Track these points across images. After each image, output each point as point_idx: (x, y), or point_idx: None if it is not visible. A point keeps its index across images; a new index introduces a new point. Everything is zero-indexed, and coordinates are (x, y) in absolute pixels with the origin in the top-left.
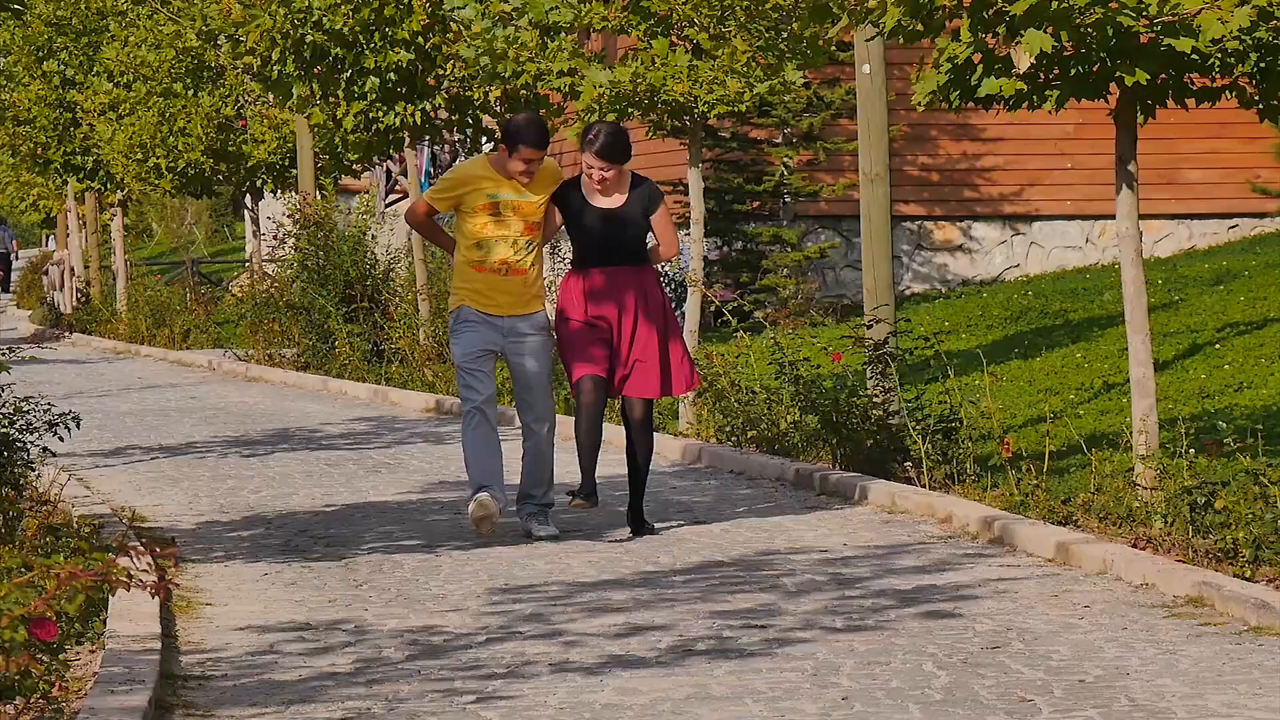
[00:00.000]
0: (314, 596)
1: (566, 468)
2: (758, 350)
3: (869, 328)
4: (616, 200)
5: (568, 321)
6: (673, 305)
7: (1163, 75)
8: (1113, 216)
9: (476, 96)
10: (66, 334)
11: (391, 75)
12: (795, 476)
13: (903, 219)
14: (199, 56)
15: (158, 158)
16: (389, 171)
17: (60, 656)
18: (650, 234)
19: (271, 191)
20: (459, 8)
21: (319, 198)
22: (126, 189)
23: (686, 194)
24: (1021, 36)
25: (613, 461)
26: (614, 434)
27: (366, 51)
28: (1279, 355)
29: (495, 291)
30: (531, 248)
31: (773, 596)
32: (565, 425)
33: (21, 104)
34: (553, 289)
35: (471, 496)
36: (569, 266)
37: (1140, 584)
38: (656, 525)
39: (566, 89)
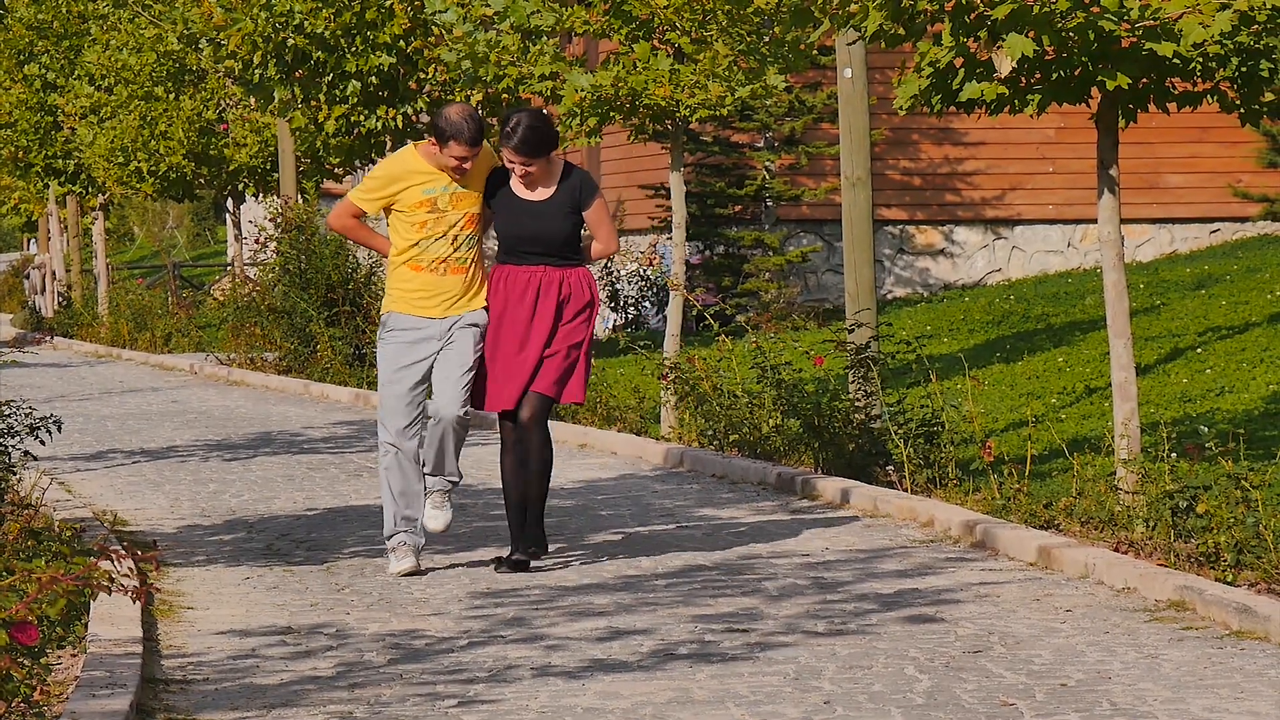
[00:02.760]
0: (295, 600)
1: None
2: (739, 354)
3: (851, 332)
4: (543, 193)
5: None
6: (594, 314)
7: (1144, 79)
8: (1094, 221)
9: (458, 100)
10: (48, 337)
11: (373, 79)
12: (777, 480)
13: (884, 223)
14: (180, 60)
15: (139, 161)
16: None
17: (42, 660)
18: (585, 229)
19: (253, 195)
20: (440, 11)
21: (300, 201)
22: (108, 192)
23: (668, 198)
24: (1003, 41)
25: (593, 465)
26: (598, 439)
27: (348, 55)
28: (1260, 360)
29: (434, 292)
30: (472, 243)
31: (754, 600)
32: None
33: (2, 107)
34: None
35: (390, 547)
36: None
37: (1122, 588)
38: (541, 542)
39: (548, 93)
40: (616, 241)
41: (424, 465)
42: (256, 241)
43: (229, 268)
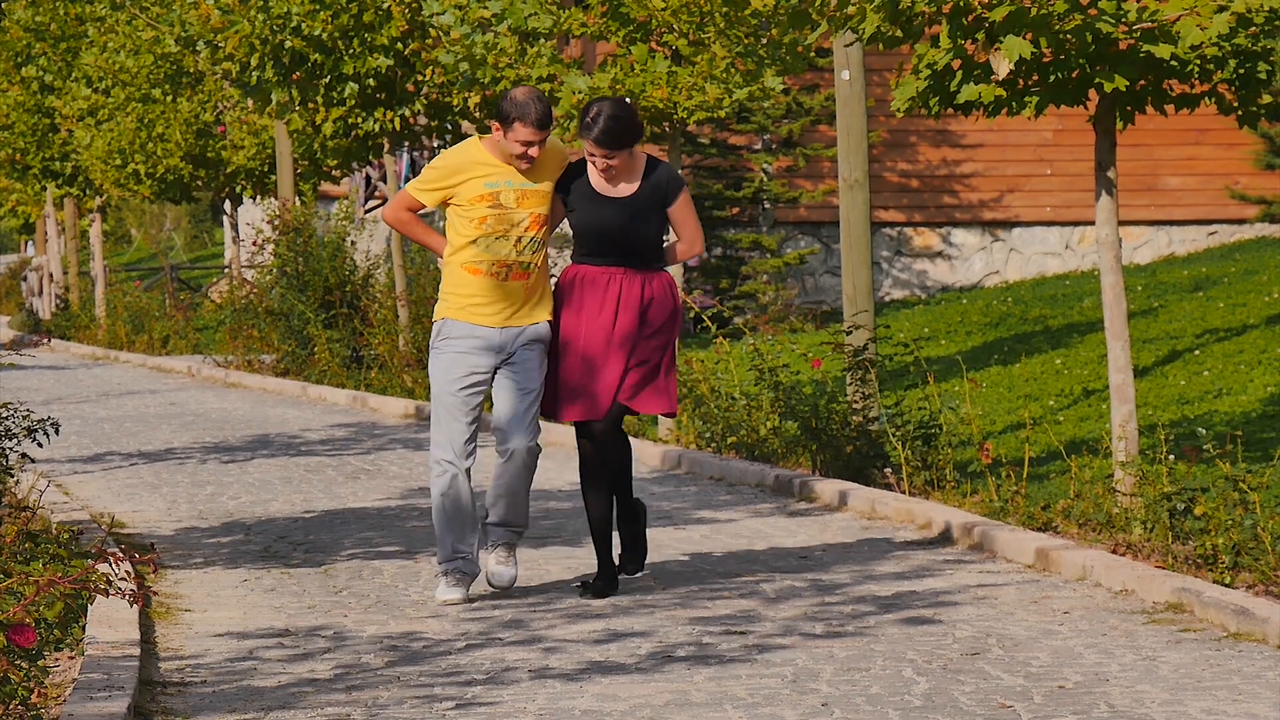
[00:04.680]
0: (293, 603)
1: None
2: (737, 356)
3: (848, 334)
4: (626, 189)
5: (558, 329)
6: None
7: (1142, 81)
8: (1092, 223)
9: (456, 103)
10: (45, 340)
11: (370, 81)
12: (775, 483)
13: (882, 225)
14: (178, 62)
15: (137, 163)
16: (368, 177)
17: (39, 663)
18: (669, 229)
19: (251, 197)
20: (438, 14)
21: (298, 203)
22: (105, 195)
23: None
24: (1000, 43)
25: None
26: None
27: (346, 57)
28: (1258, 362)
29: (493, 299)
30: (537, 246)
31: (752, 603)
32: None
33: (0, 109)
34: None
35: (440, 572)
36: (570, 261)
37: (1120, 590)
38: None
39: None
40: (702, 243)
41: (488, 512)
42: (254, 244)
43: (226, 270)
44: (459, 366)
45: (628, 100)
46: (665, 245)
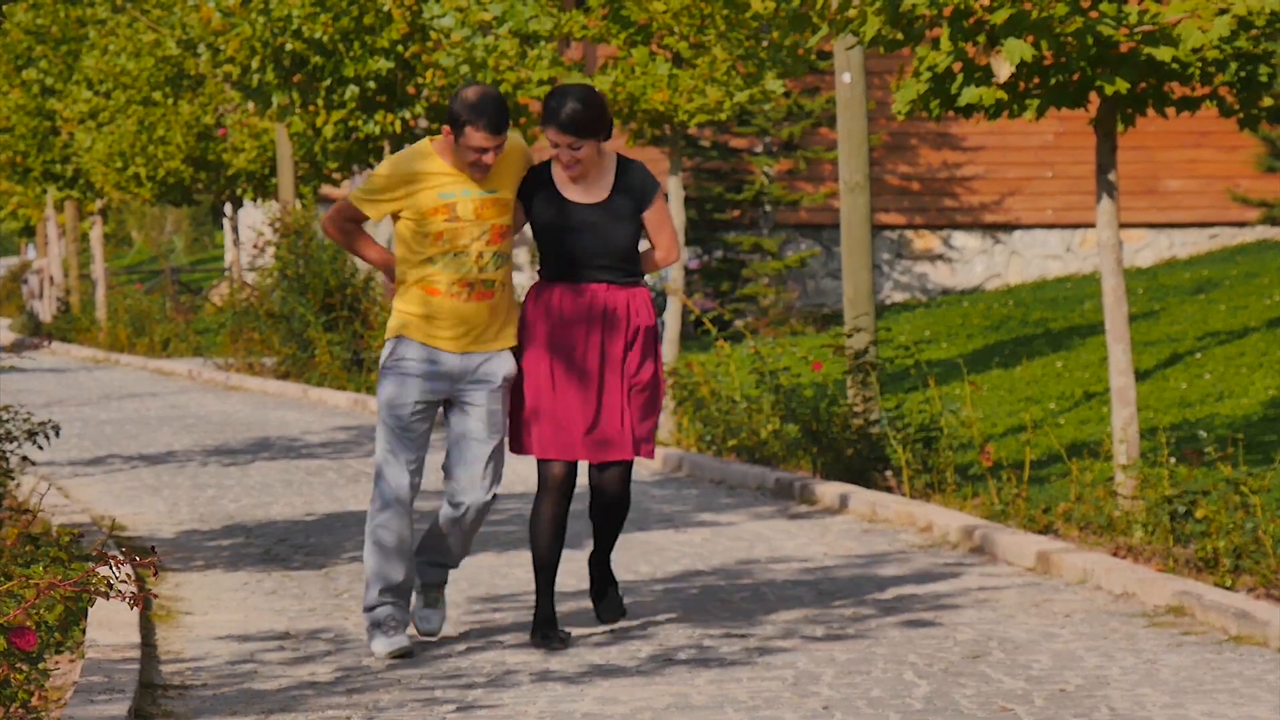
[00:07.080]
0: (294, 605)
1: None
2: (738, 359)
3: (849, 337)
4: (598, 193)
5: (525, 356)
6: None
7: (1143, 84)
8: (1093, 225)
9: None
10: (46, 342)
11: (371, 84)
12: (776, 485)
13: (883, 228)
14: (179, 65)
15: (137, 166)
16: None
17: (40, 665)
18: (644, 237)
19: (251, 200)
20: (439, 16)
21: (299, 206)
22: (106, 197)
23: (666, 202)
24: (1001, 45)
25: None
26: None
27: (346, 60)
28: (1259, 365)
29: (451, 321)
30: (500, 262)
31: (753, 605)
32: None
33: (0, 112)
34: None
35: (370, 620)
36: (535, 278)
37: (1121, 593)
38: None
39: None
40: (679, 249)
41: (423, 554)
42: (255, 246)
43: (227, 273)
44: (411, 391)
45: (596, 89)
46: (643, 253)
